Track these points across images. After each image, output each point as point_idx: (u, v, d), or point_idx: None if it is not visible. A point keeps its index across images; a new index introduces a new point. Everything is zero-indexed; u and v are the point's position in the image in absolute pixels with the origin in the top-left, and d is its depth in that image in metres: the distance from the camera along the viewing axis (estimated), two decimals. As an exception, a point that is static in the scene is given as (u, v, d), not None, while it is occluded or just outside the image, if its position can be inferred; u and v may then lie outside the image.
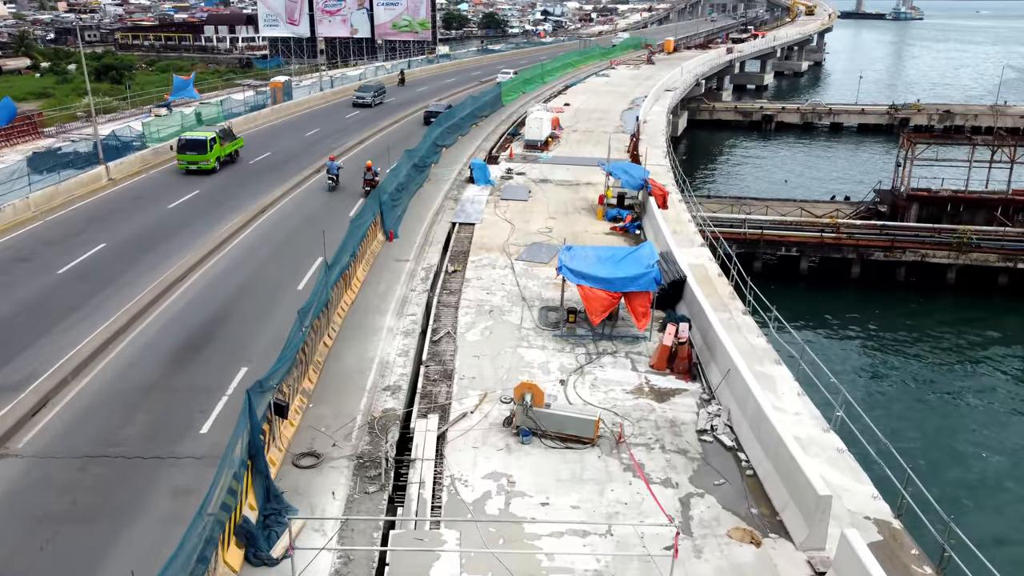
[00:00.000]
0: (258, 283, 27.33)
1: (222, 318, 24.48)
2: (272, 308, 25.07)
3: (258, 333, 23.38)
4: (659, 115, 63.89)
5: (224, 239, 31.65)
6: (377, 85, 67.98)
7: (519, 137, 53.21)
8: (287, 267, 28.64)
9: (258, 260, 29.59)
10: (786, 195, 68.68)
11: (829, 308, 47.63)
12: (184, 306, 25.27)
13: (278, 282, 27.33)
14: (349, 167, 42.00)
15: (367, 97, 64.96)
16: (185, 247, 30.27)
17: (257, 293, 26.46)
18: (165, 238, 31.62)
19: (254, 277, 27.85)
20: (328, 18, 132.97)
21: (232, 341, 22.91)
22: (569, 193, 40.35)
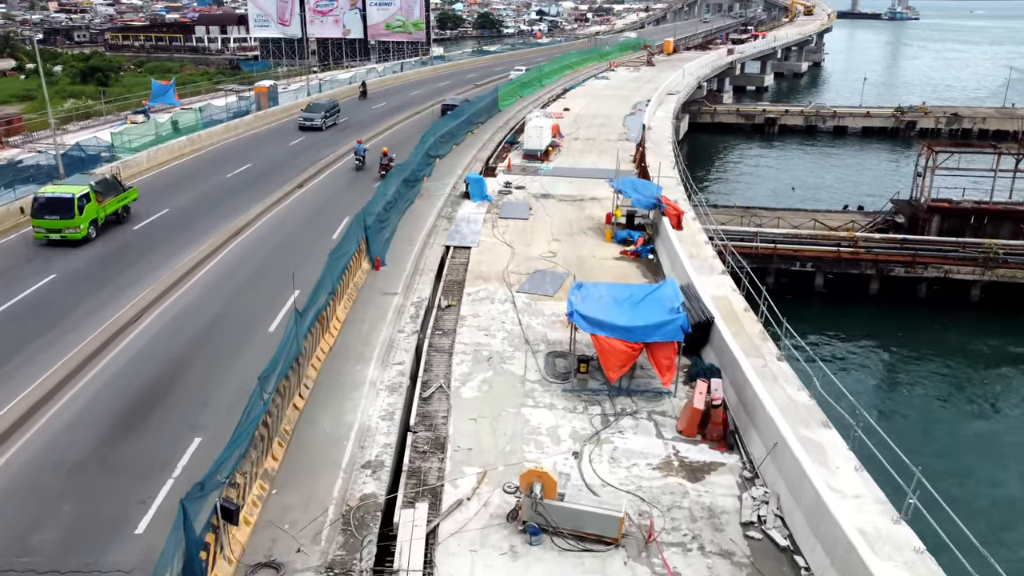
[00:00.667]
0: (225, 322, 23.78)
1: (177, 370, 20.91)
2: (237, 357, 21.52)
3: (219, 389, 19.85)
4: (663, 120, 60.41)
5: (196, 263, 28.13)
6: (329, 104, 57.06)
7: (518, 146, 49.69)
8: (262, 298, 25.09)
9: (229, 291, 26.02)
10: (796, 204, 65.32)
11: (846, 326, 44.31)
12: (135, 355, 21.68)
13: (249, 320, 23.79)
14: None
15: (316, 119, 53.93)
16: (146, 277, 26.77)
17: (223, 335, 22.91)
18: (128, 266, 28.10)
19: (222, 315, 24.30)
20: (320, 18, 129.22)
21: (187, 401, 19.36)
22: (573, 210, 36.85)
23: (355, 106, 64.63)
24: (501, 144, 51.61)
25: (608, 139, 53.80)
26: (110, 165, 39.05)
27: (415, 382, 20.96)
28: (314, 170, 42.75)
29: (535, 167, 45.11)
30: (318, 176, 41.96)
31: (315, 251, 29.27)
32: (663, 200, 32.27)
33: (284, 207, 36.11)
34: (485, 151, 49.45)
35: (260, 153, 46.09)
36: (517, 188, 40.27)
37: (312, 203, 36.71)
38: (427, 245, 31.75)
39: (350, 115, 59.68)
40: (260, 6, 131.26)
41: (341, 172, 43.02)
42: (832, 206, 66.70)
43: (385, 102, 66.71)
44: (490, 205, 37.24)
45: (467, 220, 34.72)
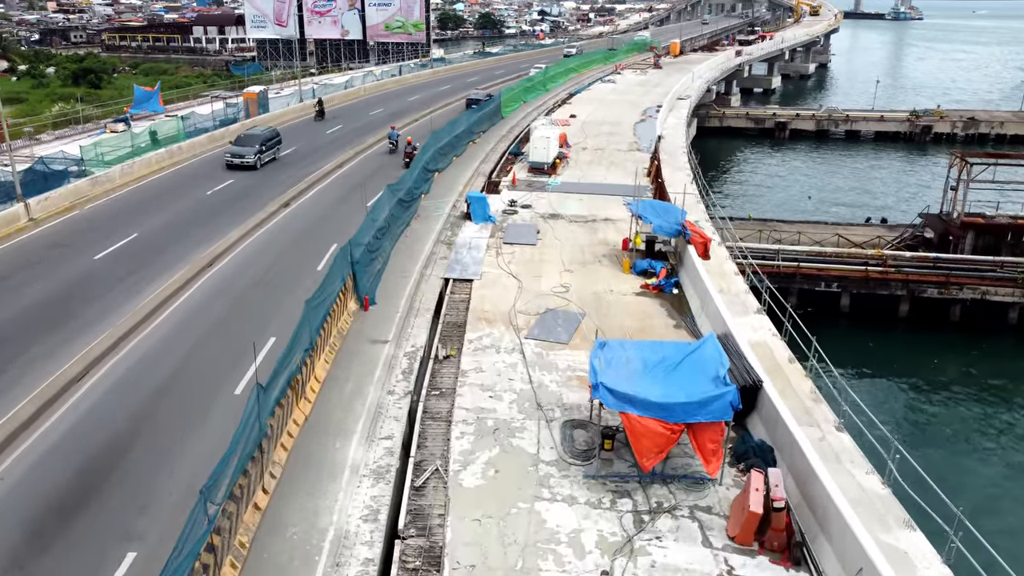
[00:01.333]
0: (183, 383, 20.04)
1: (115, 455, 17.15)
2: (192, 434, 17.79)
3: (165, 482, 16.14)
4: (676, 128, 56.66)
5: (160, 303, 24.40)
6: (265, 133, 44.30)
7: (522, 158, 45.92)
8: (231, 349, 21.37)
9: (193, 340, 22.30)
10: (814, 215, 61.68)
11: (874, 351, 40.74)
12: (65, 434, 17.88)
13: (212, 379, 20.08)
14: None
15: (248, 154, 41.85)
16: (108, 315, 23.11)
17: (178, 402, 19.18)
18: (84, 303, 24.41)
19: (180, 372, 20.54)
20: (318, 19, 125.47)
21: (121, 501, 15.63)
22: (585, 233, 33.10)
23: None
24: (505, 155, 47.86)
25: (618, 149, 50.05)
26: (76, 183, 35.31)
27: (406, 462, 17.28)
28: (303, 185, 39.03)
29: (542, 182, 41.38)
30: (309, 191, 38.27)
31: (297, 285, 25.60)
32: (688, 226, 28.55)
33: (267, 230, 32.36)
34: (488, 163, 45.70)
35: (245, 166, 42.43)
36: (523, 207, 36.52)
37: (298, 226, 32.96)
38: (424, 277, 28.00)
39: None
40: (257, 6, 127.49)
41: (334, 187, 39.31)
42: (852, 217, 63.08)
43: (382, 108, 62.92)
44: (494, 227, 33.51)
45: (468, 246, 30.98)
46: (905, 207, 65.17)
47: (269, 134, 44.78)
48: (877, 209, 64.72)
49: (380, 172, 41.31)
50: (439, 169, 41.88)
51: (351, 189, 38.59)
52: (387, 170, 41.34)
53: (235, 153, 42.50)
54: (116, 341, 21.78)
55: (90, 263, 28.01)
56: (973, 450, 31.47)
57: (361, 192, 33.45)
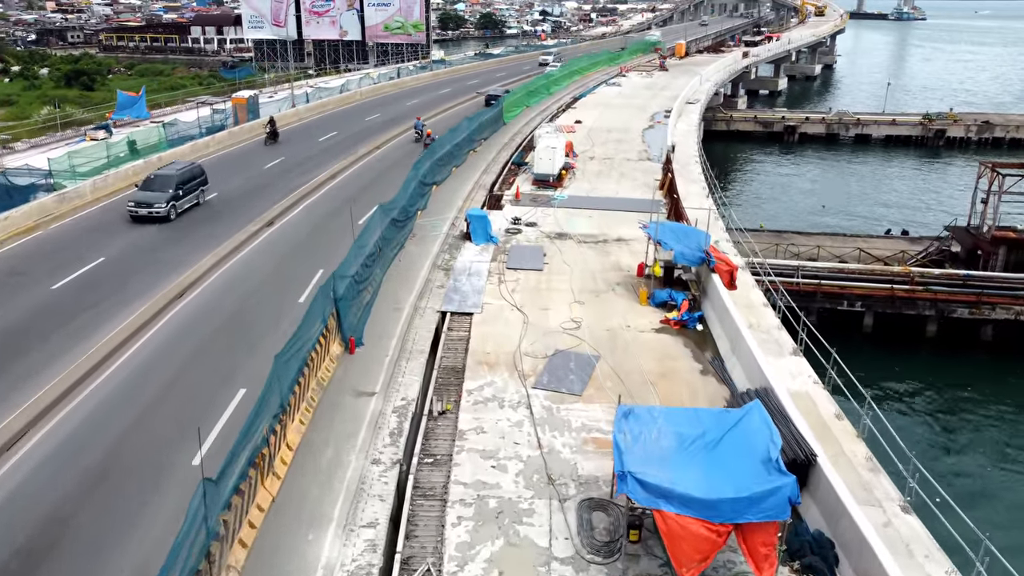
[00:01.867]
0: (119, 469, 16.83)
1: (60, 523, 14.14)
2: (117, 546, 14.64)
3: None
4: (687, 135, 53.55)
5: (110, 352, 21.33)
6: (184, 172, 34.11)
7: (526, 168, 42.83)
8: (185, 417, 18.29)
9: (141, 404, 19.17)
10: (830, 225, 58.66)
11: (899, 374, 37.75)
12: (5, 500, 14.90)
13: (153, 465, 16.85)
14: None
15: (158, 203, 32.04)
16: (55, 363, 20.06)
17: (107, 500, 16.03)
18: (31, 346, 21.35)
19: (114, 455, 17.35)
20: (316, 19, 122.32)
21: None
22: (597, 256, 30.01)
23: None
24: (507, 165, 44.75)
25: (627, 158, 46.96)
26: (42, 199, 32.24)
27: (391, 559, 14.22)
28: (288, 202, 35.95)
29: (547, 196, 38.29)
30: (296, 207, 35.21)
31: (275, 323, 22.54)
32: (712, 253, 25.47)
33: (247, 253, 29.25)
34: (489, 175, 42.58)
35: (228, 179, 39.26)
36: (528, 225, 33.43)
37: (280, 250, 29.86)
38: (418, 311, 24.91)
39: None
40: (254, 7, 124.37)
41: (323, 201, 36.27)
42: (869, 228, 60.04)
43: (379, 113, 59.81)
44: (496, 249, 30.42)
45: (468, 272, 27.90)
46: (924, 217, 62.12)
47: (187, 173, 34.43)
48: (894, 219, 61.68)
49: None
50: (437, 182, 38.80)
51: (342, 203, 35.57)
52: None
53: (140, 201, 32.14)
54: (57, 398, 18.71)
55: (46, 294, 24.94)
56: (1004, 476, 28.53)
57: (350, 212, 30.28)
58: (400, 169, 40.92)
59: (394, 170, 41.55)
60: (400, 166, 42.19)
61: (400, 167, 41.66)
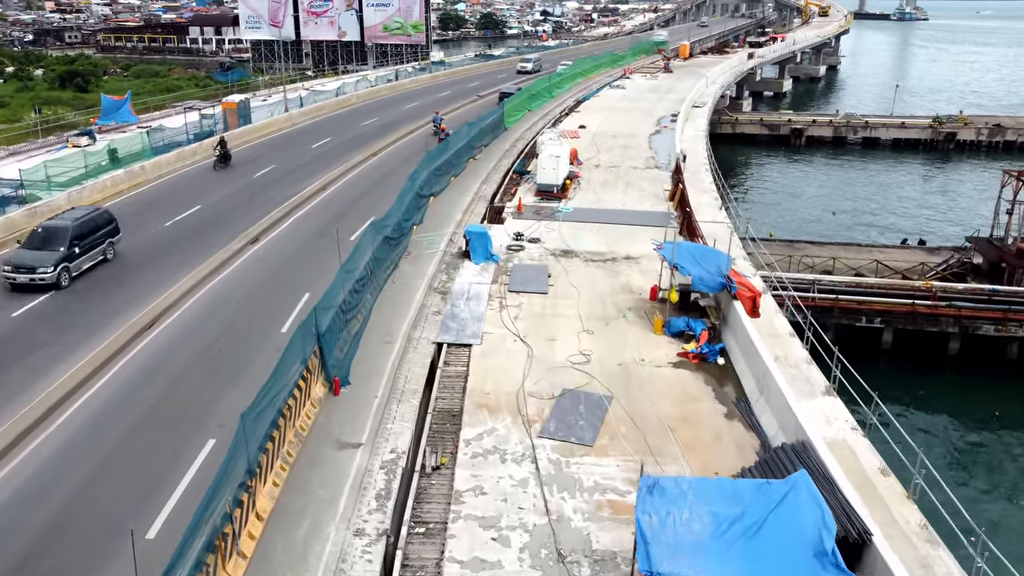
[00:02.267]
0: (57, 550, 14.64)
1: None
2: None
3: None
4: (695, 142, 51.19)
5: (67, 394, 19.03)
6: (85, 221, 27.03)
7: (529, 178, 40.57)
8: (138, 479, 15.99)
9: (89, 467, 16.88)
10: (844, 234, 56.40)
11: (920, 394, 35.55)
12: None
13: (117, 521, 14.69)
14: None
15: (44, 267, 25.05)
16: (11, 397, 17.81)
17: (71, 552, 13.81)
18: None
19: (72, 513, 15.15)
20: (314, 20, 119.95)
21: None
22: (605, 277, 27.71)
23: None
24: (508, 174, 42.41)
25: (634, 166, 44.62)
26: (11, 214, 29.92)
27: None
28: (277, 214, 33.66)
29: (551, 208, 35.99)
30: (284, 222, 32.93)
31: (251, 361, 20.25)
32: (733, 277, 23.16)
33: (226, 276, 26.95)
34: (489, 184, 40.23)
35: (215, 190, 37.03)
36: (531, 241, 31.13)
37: (263, 269, 27.58)
38: (411, 342, 22.60)
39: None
40: (251, 7, 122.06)
41: (313, 215, 33.98)
42: (882, 236, 57.84)
43: (377, 117, 57.47)
44: (497, 269, 28.13)
45: (466, 296, 25.60)
46: (940, 226, 59.84)
47: (87, 223, 27.01)
48: (908, 227, 59.44)
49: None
50: (434, 193, 36.48)
51: (333, 217, 33.27)
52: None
53: (19, 264, 25.04)
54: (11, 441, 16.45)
55: (5, 323, 22.65)
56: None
57: (337, 234, 27.97)
58: (397, 177, 38.62)
59: (390, 178, 39.25)
60: (397, 174, 39.89)
61: (397, 175, 39.36)
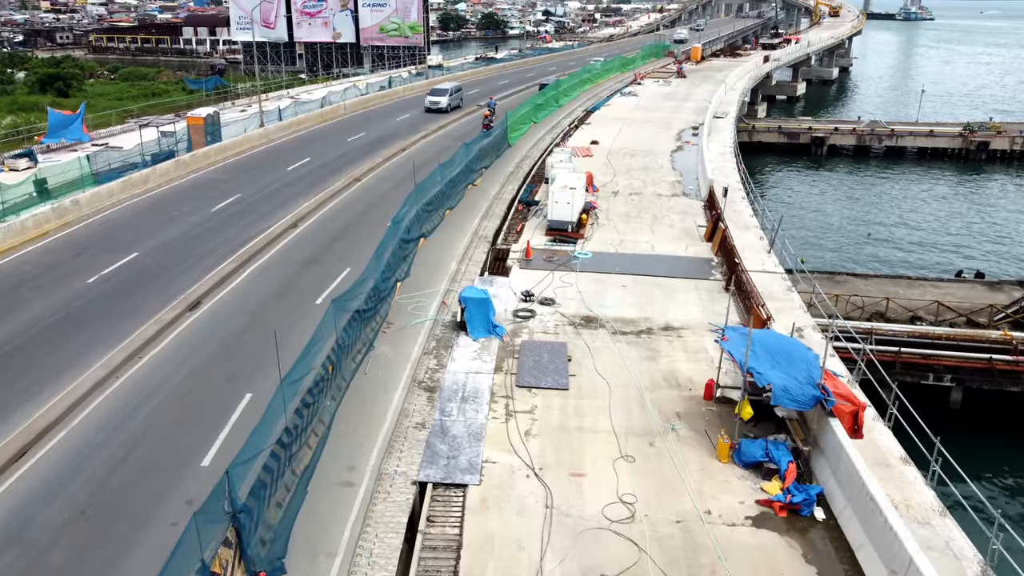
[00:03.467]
0: None
1: None
2: None
3: None
4: (723, 159, 44.40)
5: None
6: None
7: (537, 210, 33.86)
8: None
9: None
10: (888, 260, 49.83)
11: (1001, 464, 29.07)
12: None
13: None
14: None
15: None
16: None
17: None
18: None
19: None
20: (308, 21, 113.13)
21: None
22: (641, 359, 21.00)
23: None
24: (513, 204, 35.64)
25: (658, 193, 37.90)
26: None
27: None
28: (234, 262, 26.96)
29: (566, 251, 29.29)
30: (241, 273, 26.24)
31: (130, 549, 13.57)
32: (828, 384, 16.45)
33: (143, 366, 20.21)
34: (491, 219, 33.43)
35: (162, 229, 30.34)
36: (543, 303, 24.44)
37: (196, 355, 20.85)
38: (382, 481, 15.84)
39: None
40: (242, 7, 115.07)
41: (278, 263, 27.28)
42: (928, 261, 51.25)
43: (364, 132, 50.62)
44: (501, 347, 21.44)
45: (461, 394, 18.89)
46: (990, 250, 53.12)
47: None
48: (952, 250, 52.77)
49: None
50: (424, 234, 29.75)
51: (300, 267, 26.54)
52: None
53: None
54: None
55: None
56: None
57: (275, 338, 21.25)
58: (384, 208, 32.04)
59: (377, 210, 32.57)
60: (385, 204, 33.27)
61: (384, 206, 32.75)
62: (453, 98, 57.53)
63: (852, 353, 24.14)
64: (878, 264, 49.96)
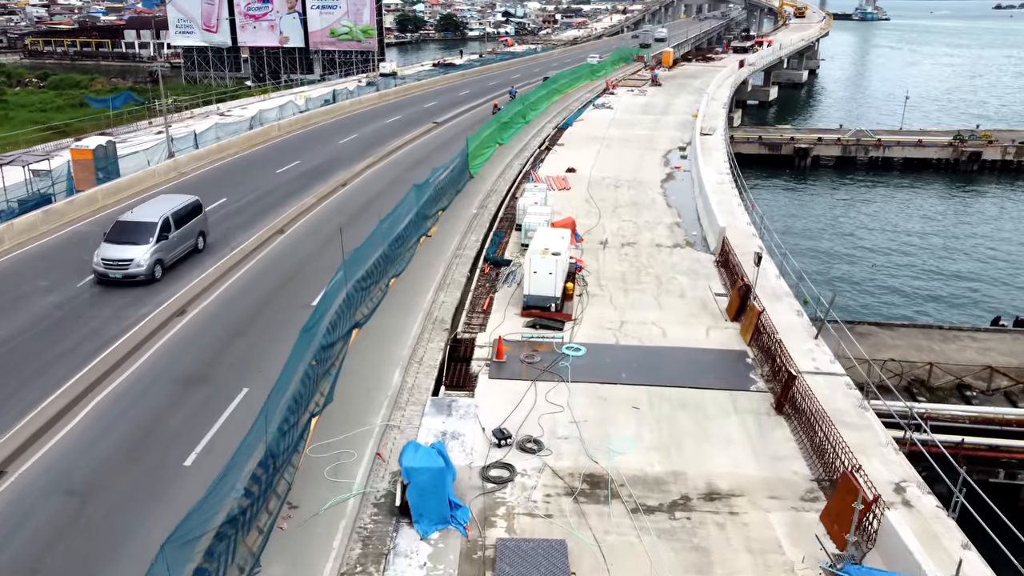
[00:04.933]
0: None
1: None
2: None
3: None
4: (722, 189, 36.67)
5: None
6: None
7: (510, 277, 25.79)
8: None
9: None
10: (905, 298, 42.85)
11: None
12: None
13: None
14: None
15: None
16: None
17: None
18: None
19: None
20: (252, 24, 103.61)
21: None
22: (684, 573, 13.11)
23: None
24: (478, 267, 27.43)
25: (657, 242, 30.07)
26: None
27: None
28: (78, 387, 18.47)
29: (549, 343, 21.28)
30: (50, 436, 17.77)
31: None
32: None
33: None
34: (449, 292, 25.12)
35: (9, 315, 21.75)
36: (524, 448, 16.40)
37: None
38: None
39: None
40: (182, 9, 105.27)
41: (126, 398, 18.89)
42: (941, 293, 44.42)
43: (299, 160, 42.05)
44: (464, 553, 13.37)
45: None
46: (1007, 278, 46.30)
47: None
48: (968, 279, 45.93)
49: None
50: (358, 324, 21.41)
51: (170, 400, 18.12)
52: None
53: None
54: None
55: None
56: None
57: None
58: (306, 283, 23.80)
59: (292, 290, 24.20)
60: (308, 275, 25.00)
61: (307, 279, 24.48)
62: (166, 245, 24.90)
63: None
64: (889, 298, 42.89)
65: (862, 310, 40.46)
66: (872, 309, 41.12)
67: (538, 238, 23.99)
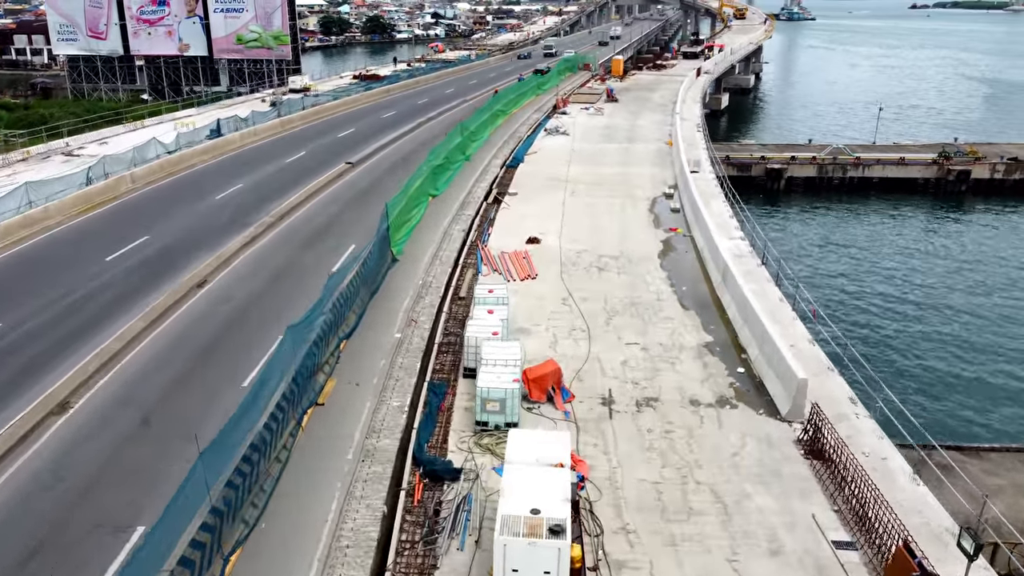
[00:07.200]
0: None
1: None
2: None
3: None
4: (752, 277, 25.07)
5: None
6: None
7: (463, 509, 13.52)
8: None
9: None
10: (931, 345, 31.97)
11: None
12: None
13: None
14: None
15: None
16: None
17: None
18: None
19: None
20: (147, 30, 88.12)
21: None
22: None
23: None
24: (401, 495, 15.05)
25: (691, 396, 18.25)
26: None
27: None
28: None
29: None
30: None
31: None
32: None
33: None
34: (373, 488, 12.80)
35: None
36: None
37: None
38: None
39: None
40: (62, 12, 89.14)
41: None
42: (969, 340, 34.11)
43: (148, 235, 28.77)
44: None
45: None
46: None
47: None
48: (997, 321, 35.67)
49: None
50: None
51: None
52: None
53: None
54: None
55: None
56: None
57: None
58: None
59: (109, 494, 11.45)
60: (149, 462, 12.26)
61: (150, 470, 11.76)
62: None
63: None
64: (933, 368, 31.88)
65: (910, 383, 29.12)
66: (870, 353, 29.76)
67: (516, 445, 11.78)
